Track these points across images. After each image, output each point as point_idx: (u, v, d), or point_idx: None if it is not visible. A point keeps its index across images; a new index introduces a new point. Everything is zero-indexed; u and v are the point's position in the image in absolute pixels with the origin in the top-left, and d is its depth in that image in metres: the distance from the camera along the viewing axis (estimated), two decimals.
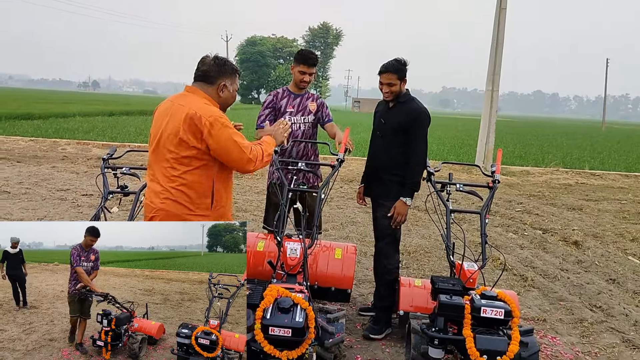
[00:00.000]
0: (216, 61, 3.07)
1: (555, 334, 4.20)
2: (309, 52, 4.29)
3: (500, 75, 13.51)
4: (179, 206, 3.02)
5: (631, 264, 6.18)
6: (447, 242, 3.75)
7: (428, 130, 4.02)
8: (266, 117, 4.30)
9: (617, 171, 15.56)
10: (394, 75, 3.89)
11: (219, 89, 3.08)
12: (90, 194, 8.49)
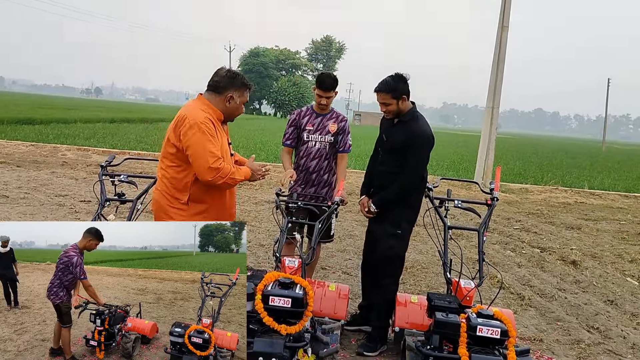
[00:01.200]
0: (228, 74, 3.33)
1: (551, 355, 4.16)
2: (325, 76, 4.32)
3: (501, 92, 13.55)
4: (163, 198, 3.31)
5: (629, 286, 6.14)
6: (444, 258, 3.73)
7: (430, 151, 3.90)
8: (291, 135, 4.47)
9: (616, 191, 15.54)
10: (387, 95, 3.77)
11: (226, 100, 3.31)
12: (88, 200, 8.46)
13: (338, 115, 4.48)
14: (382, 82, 3.82)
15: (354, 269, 5.98)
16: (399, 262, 4.00)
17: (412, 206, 3.97)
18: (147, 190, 4.01)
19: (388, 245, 3.91)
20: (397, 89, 3.76)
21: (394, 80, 3.78)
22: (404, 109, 3.87)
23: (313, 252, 3.70)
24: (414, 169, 3.82)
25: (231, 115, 3.41)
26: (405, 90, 3.79)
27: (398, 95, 3.77)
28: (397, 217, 3.91)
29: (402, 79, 3.79)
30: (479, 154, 14.09)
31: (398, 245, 3.93)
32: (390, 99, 3.79)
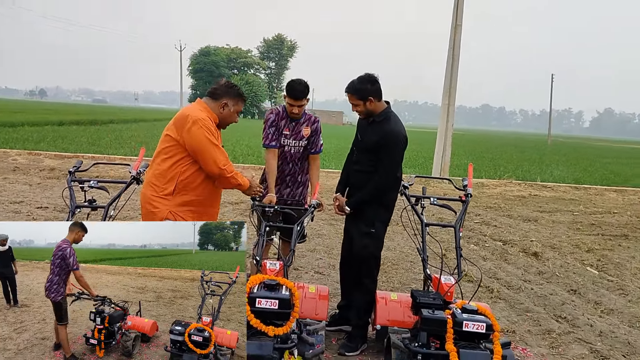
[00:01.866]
0: (226, 84, 3.69)
1: (525, 346, 4.28)
2: (296, 84, 4.17)
3: (456, 89, 13.85)
4: (150, 188, 3.55)
5: (590, 275, 6.39)
6: (423, 255, 3.77)
7: (403, 152, 3.92)
8: (273, 135, 4.30)
9: (566, 183, 16.15)
10: (352, 96, 3.82)
11: (221, 106, 3.62)
12: (45, 206, 8.14)
13: (310, 117, 4.41)
14: (349, 84, 3.85)
15: (326, 268, 5.99)
16: (374, 261, 4.03)
17: (386, 205, 4.00)
18: (119, 196, 3.88)
19: (362, 244, 3.94)
20: (361, 90, 3.78)
21: (360, 81, 3.79)
22: (375, 110, 3.87)
23: (293, 254, 3.69)
24: (387, 169, 3.85)
25: (224, 122, 3.68)
26: (372, 91, 3.79)
27: (364, 97, 3.79)
28: (371, 216, 3.94)
29: (370, 80, 3.79)
30: (435, 150, 14.37)
31: (372, 244, 3.96)
32: (357, 100, 3.82)
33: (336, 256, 6.44)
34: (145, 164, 4.25)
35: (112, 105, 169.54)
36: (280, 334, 2.99)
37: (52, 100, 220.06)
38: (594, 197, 13.75)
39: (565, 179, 17.27)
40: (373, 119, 3.91)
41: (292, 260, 3.66)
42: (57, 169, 12.31)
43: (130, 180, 4.00)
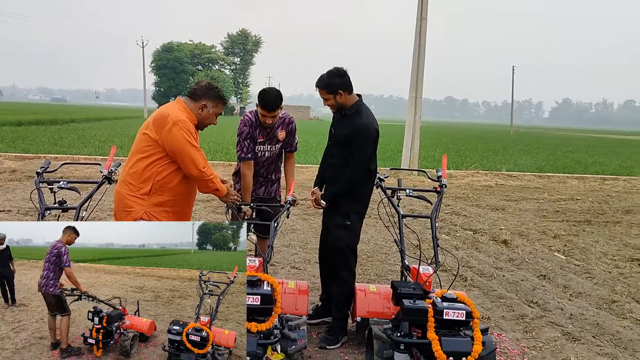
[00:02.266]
0: (207, 85, 3.65)
1: (500, 331, 4.38)
2: (268, 94, 4.00)
3: (423, 82, 14.00)
4: (125, 187, 3.49)
5: (557, 260, 6.57)
6: (401, 246, 3.81)
7: (375, 144, 3.95)
8: (249, 147, 4.16)
9: (530, 172, 16.55)
10: (322, 90, 3.86)
11: (200, 107, 3.57)
12: (8, 209, 7.91)
13: (284, 119, 4.28)
14: (318, 79, 3.89)
15: (302, 263, 6.00)
16: (350, 252, 4.05)
17: (359, 199, 4.03)
18: (91, 196, 3.79)
19: (337, 236, 3.98)
20: (330, 84, 3.83)
21: (329, 76, 3.84)
22: (346, 103, 3.92)
23: (271, 251, 3.68)
24: (358, 162, 3.88)
25: (202, 123, 3.64)
26: (341, 84, 3.84)
27: (333, 90, 3.83)
28: (345, 209, 3.98)
29: (338, 73, 3.84)
30: (404, 142, 14.51)
31: (347, 236, 4.00)
32: (326, 94, 3.87)
33: (311, 250, 6.47)
34: (117, 163, 4.16)
35: (72, 104, 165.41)
36: (263, 329, 2.98)
37: (8, 100, 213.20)
38: (557, 185, 14.12)
39: (529, 168, 17.70)
40: (345, 113, 3.94)
41: (271, 257, 3.66)
42: (19, 170, 11.96)
43: (101, 180, 3.90)
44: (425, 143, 28.31)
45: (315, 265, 5.90)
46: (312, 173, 11.99)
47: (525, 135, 56.88)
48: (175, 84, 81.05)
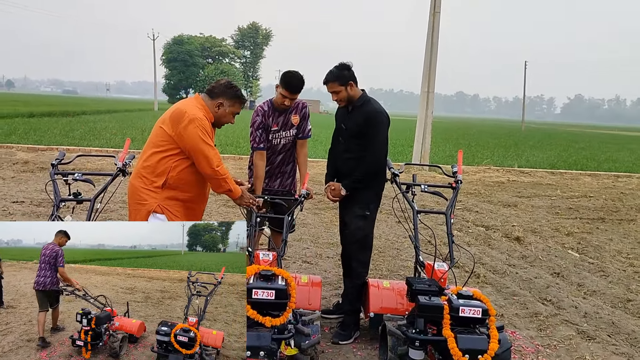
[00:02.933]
0: (225, 84, 3.61)
1: (514, 329, 4.34)
2: (293, 77, 4.07)
3: (435, 76, 13.90)
4: (139, 179, 3.50)
5: (571, 258, 6.50)
6: (416, 242, 3.79)
7: (387, 130, 4.01)
8: (261, 137, 4.21)
9: (542, 168, 16.41)
10: (334, 83, 3.91)
11: (217, 105, 3.56)
12: (21, 200, 7.95)
13: (297, 104, 4.31)
14: (327, 74, 3.95)
15: (314, 257, 5.98)
16: (368, 243, 4.08)
17: (376, 188, 4.06)
18: (105, 188, 3.79)
19: (357, 226, 3.99)
20: (342, 76, 3.90)
21: (338, 69, 3.92)
22: (354, 95, 3.98)
23: (285, 245, 3.67)
24: (376, 147, 3.92)
25: (219, 121, 3.62)
26: (350, 76, 3.93)
27: (345, 82, 3.91)
28: (365, 198, 4.00)
29: (346, 66, 3.94)
30: (415, 137, 14.43)
31: (367, 226, 4.03)
32: (338, 87, 3.91)
33: (322, 245, 6.46)
34: (131, 155, 4.16)
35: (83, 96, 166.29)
36: (278, 324, 2.96)
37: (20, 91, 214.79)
38: (569, 182, 14.00)
39: (541, 164, 17.55)
40: (353, 106, 3.99)
41: (285, 251, 3.64)
42: (31, 162, 12.03)
43: (116, 172, 3.91)
44: (436, 138, 28.20)
45: (326, 260, 5.90)
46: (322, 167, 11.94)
47: (537, 131, 56.45)
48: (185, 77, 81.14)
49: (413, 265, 4.10)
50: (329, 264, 5.78)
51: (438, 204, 9.56)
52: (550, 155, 21.53)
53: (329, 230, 7.17)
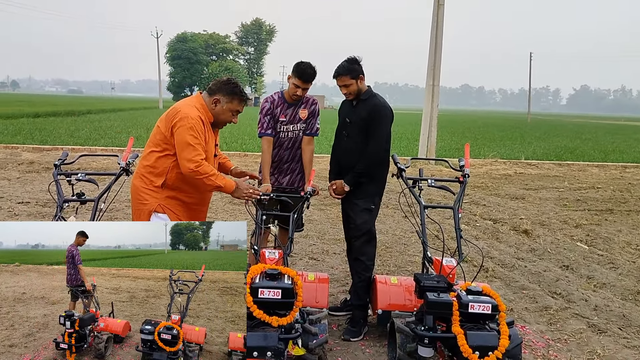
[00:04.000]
0: (223, 80, 3.56)
1: (524, 323, 4.29)
2: (307, 66, 4.07)
3: (440, 69, 13.81)
4: (139, 179, 3.50)
5: (580, 250, 6.44)
6: (423, 238, 3.74)
7: (391, 125, 4.03)
8: (269, 124, 4.20)
9: (549, 160, 16.30)
10: (346, 76, 3.91)
11: (213, 102, 3.50)
12: (27, 201, 7.96)
13: (308, 99, 4.28)
14: (339, 67, 3.95)
15: (320, 254, 5.95)
16: (373, 236, 4.07)
17: (379, 181, 4.06)
18: (109, 188, 3.76)
19: (363, 219, 3.99)
20: (353, 70, 3.91)
21: (349, 62, 3.93)
22: (363, 89, 4.00)
23: (291, 243, 3.63)
24: (378, 140, 3.93)
25: (217, 119, 3.56)
26: (360, 70, 3.96)
27: (356, 75, 3.92)
28: (370, 191, 4.01)
29: (356, 60, 3.95)
30: (421, 131, 14.36)
31: (371, 220, 4.04)
32: (350, 80, 3.92)
33: (329, 241, 6.42)
34: (135, 154, 4.13)
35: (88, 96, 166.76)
36: (285, 324, 2.93)
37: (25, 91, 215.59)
38: (577, 173, 13.90)
39: (548, 156, 17.43)
40: (359, 99, 4.02)
41: (291, 249, 3.60)
42: (37, 162, 12.05)
43: (119, 172, 3.88)
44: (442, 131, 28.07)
45: (333, 256, 5.87)
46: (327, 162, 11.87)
47: (543, 122, 56.15)
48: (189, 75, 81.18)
49: (421, 261, 4.06)
50: (336, 260, 5.74)
51: (445, 198, 9.50)
52: (557, 147, 21.39)
53: (335, 227, 7.13)
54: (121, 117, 32.17)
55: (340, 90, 4.05)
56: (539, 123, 53.41)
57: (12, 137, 16.73)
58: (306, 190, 3.88)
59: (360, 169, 3.92)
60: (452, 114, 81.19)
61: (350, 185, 3.96)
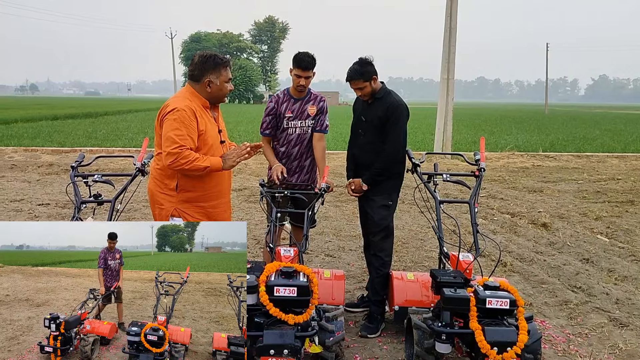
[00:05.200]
0: (200, 59, 3.35)
1: (544, 318, 4.24)
2: (304, 54, 4.10)
3: (455, 62, 13.68)
4: (154, 184, 3.44)
5: (601, 243, 6.34)
6: (439, 233, 3.71)
7: (407, 122, 3.99)
8: (269, 124, 4.27)
9: (567, 152, 16.08)
10: (359, 80, 3.89)
11: (205, 85, 3.35)
12: (47, 203, 8.07)
13: (316, 96, 4.31)
14: (351, 71, 3.92)
15: (336, 250, 5.94)
16: (391, 232, 4.05)
17: (396, 178, 4.04)
18: (125, 189, 3.79)
19: (381, 216, 3.97)
20: (365, 72, 3.88)
21: (360, 65, 3.90)
22: (377, 88, 3.97)
23: (306, 241, 3.62)
24: (395, 138, 3.90)
25: (217, 98, 3.45)
26: (373, 71, 3.91)
27: (369, 78, 3.89)
28: (387, 189, 4.00)
29: (367, 62, 3.91)
30: (436, 125, 14.25)
31: (389, 216, 4.03)
32: (363, 83, 3.90)
33: (344, 238, 6.41)
34: (150, 154, 4.16)
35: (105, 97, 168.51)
36: (301, 321, 2.92)
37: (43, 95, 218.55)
38: (596, 165, 13.70)
39: (566, 148, 17.20)
40: (374, 98, 3.98)
41: (306, 246, 3.60)
42: (56, 164, 12.21)
43: (135, 173, 3.91)
44: (458, 125, 27.84)
45: (349, 253, 5.85)
46: (342, 159, 11.90)
47: (561, 114, 55.39)
48: None
49: (437, 257, 4.03)
50: (352, 256, 5.73)
51: (461, 192, 9.43)
52: (575, 138, 21.09)
53: (351, 223, 7.11)
54: (138, 118, 32.43)
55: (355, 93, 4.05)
56: (557, 114, 52.70)
57: (32, 140, 16.98)
58: (320, 186, 3.87)
59: (378, 168, 3.91)
60: (467, 108, 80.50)
61: (368, 184, 3.96)
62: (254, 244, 6.10)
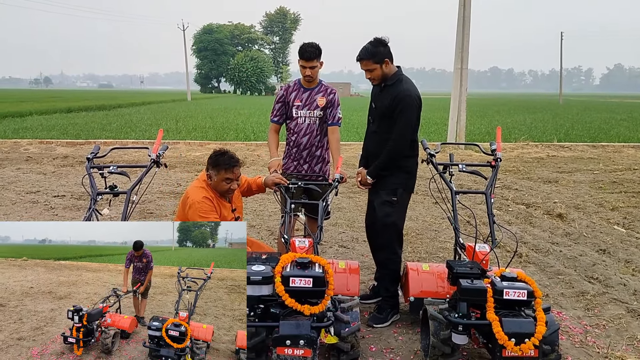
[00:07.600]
0: (213, 152, 3.69)
1: (560, 309, 4.20)
2: (307, 45, 4.12)
3: (468, 52, 13.55)
4: None
5: (617, 233, 6.27)
6: (455, 224, 3.68)
7: (418, 113, 3.80)
8: (278, 111, 4.36)
9: (583, 142, 15.89)
10: (369, 61, 3.70)
11: (208, 177, 3.68)
12: (62, 194, 8.14)
13: (327, 88, 4.30)
14: (362, 50, 3.73)
15: (350, 241, 5.93)
16: (396, 230, 3.93)
17: (407, 171, 3.89)
18: (140, 180, 3.81)
19: (384, 212, 3.87)
20: (377, 54, 3.68)
21: (373, 45, 3.70)
22: (389, 73, 3.78)
23: (321, 232, 3.61)
24: (401, 132, 3.72)
25: (217, 190, 3.68)
26: (386, 53, 3.71)
27: (380, 60, 3.70)
28: (392, 184, 3.85)
29: (382, 42, 3.71)
30: (450, 116, 14.14)
31: (394, 213, 3.88)
32: (373, 65, 3.72)
33: (358, 229, 6.39)
34: (165, 146, 4.17)
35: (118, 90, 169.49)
36: (317, 312, 2.92)
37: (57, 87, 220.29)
38: (612, 155, 13.53)
39: (581, 138, 17.01)
40: (385, 84, 3.80)
41: (321, 237, 3.59)
42: (71, 156, 12.31)
43: (150, 164, 3.93)
44: (471, 115, 27.64)
45: (363, 244, 5.84)
46: (355, 150, 11.88)
47: (575, 103, 54.76)
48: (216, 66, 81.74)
49: (452, 248, 4.00)
50: (366, 247, 5.70)
51: (476, 182, 9.37)
52: (591, 128, 20.84)
53: (364, 214, 7.07)
54: (151, 110, 32.58)
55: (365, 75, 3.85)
56: (572, 104, 52.09)
57: (47, 132, 17.13)
58: (334, 177, 3.86)
59: (382, 161, 3.78)
60: (481, 98, 79.82)
61: (372, 177, 3.86)
62: (267, 235, 6.11)
